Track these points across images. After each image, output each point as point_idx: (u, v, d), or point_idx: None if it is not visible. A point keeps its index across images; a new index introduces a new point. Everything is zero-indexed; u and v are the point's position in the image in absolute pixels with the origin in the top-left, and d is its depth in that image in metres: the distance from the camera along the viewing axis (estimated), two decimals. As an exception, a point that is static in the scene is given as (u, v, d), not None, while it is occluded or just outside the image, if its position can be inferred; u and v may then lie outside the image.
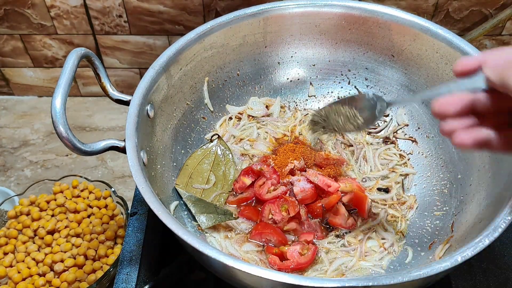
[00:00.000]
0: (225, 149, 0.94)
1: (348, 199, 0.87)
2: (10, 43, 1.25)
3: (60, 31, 1.22)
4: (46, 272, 0.95)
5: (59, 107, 0.66)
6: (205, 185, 0.89)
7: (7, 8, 1.17)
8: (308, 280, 0.57)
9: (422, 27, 0.89)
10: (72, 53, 0.72)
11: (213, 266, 0.68)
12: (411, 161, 0.95)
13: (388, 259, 0.80)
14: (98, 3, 1.15)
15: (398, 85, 0.98)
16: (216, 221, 0.82)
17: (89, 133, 1.29)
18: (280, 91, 1.04)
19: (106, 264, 0.97)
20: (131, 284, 0.77)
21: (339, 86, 1.03)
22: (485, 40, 1.20)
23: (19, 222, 1.02)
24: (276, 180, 0.86)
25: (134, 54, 1.26)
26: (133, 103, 0.77)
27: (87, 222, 1.02)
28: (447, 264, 0.59)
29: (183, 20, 1.17)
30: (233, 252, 0.80)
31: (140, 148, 0.73)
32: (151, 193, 0.66)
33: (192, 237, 0.62)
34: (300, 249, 0.78)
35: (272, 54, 1.01)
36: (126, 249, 0.81)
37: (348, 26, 0.96)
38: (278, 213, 0.82)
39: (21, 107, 1.36)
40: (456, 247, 0.74)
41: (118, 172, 1.21)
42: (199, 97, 0.96)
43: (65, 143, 0.67)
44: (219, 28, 0.91)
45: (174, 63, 0.86)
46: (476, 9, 1.13)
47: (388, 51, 0.96)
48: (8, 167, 1.22)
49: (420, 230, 0.84)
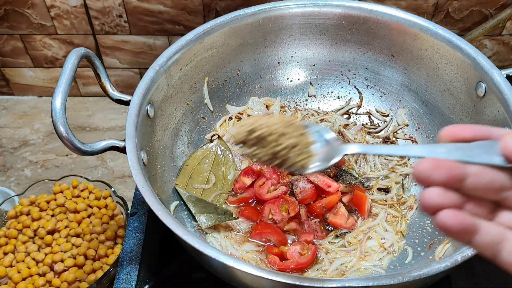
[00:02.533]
0: (225, 149, 0.94)
1: (348, 199, 0.87)
2: (10, 43, 1.24)
3: (60, 31, 1.22)
4: (46, 272, 0.95)
5: (59, 107, 0.66)
6: (205, 185, 0.89)
7: (7, 8, 1.17)
8: (308, 280, 0.57)
9: (422, 27, 0.89)
10: (72, 53, 0.72)
11: (213, 266, 0.68)
12: (411, 161, 0.95)
13: (388, 259, 0.81)
14: (98, 3, 1.15)
15: (398, 85, 0.98)
16: (216, 221, 0.82)
17: (89, 133, 1.29)
18: (280, 91, 1.04)
19: (106, 264, 0.97)
20: (131, 284, 0.77)
21: (339, 86, 1.03)
22: (485, 40, 1.20)
23: (19, 222, 1.02)
24: (276, 180, 0.86)
25: (134, 54, 1.26)
26: (133, 103, 0.77)
27: (87, 222, 1.02)
28: (447, 264, 0.59)
29: (183, 20, 1.17)
30: (233, 252, 0.80)
31: (140, 148, 0.73)
32: (151, 193, 0.67)
33: (192, 237, 0.62)
34: (300, 249, 0.78)
35: (272, 54, 1.01)
36: (126, 249, 0.81)
37: (348, 26, 0.96)
38: (278, 213, 0.82)
39: (21, 107, 1.36)
40: (456, 247, 0.74)
41: (118, 172, 1.21)
42: (199, 97, 0.96)
43: (65, 143, 0.67)
44: (219, 28, 0.91)
45: (174, 63, 0.86)
46: (476, 9, 1.13)
47: (388, 51, 0.96)
48: (8, 167, 1.22)
49: (420, 230, 0.84)
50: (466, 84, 0.84)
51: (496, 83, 0.77)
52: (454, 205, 0.40)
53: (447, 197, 0.40)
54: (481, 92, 0.81)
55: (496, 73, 0.78)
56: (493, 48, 1.22)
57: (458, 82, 0.87)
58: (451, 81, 0.88)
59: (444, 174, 0.40)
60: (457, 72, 0.86)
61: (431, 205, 0.40)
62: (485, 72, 0.79)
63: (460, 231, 0.39)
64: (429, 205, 0.40)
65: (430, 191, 0.40)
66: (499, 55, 1.24)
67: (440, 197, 0.40)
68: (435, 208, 0.40)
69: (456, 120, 0.88)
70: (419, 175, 0.40)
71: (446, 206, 0.40)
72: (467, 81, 0.84)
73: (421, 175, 0.40)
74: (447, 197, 0.40)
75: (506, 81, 0.77)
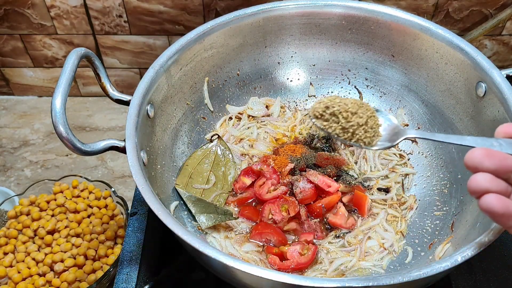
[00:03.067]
0: (225, 149, 0.94)
1: (348, 199, 0.87)
2: (10, 43, 1.24)
3: (60, 31, 1.22)
4: (46, 272, 0.95)
5: (59, 107, 0.66)
6: (205, 185, 0.89)
7: (7, 8, 1.17)
8: (308, 280, 0.57)
9: (422, 27, 0.89)
10: (72, 53, 0.72)
11: (213, 266, 0.68)
12: (411, 161, 0.95)
13: (388, 259, 0.81)
14: (98, 3, 1.15)
15: (398, 85, 0.98)
16: (216, 221, 0.82)
17: (89, 133, 1.29)
18: (280, 91, 1.04)
19: (106, 264, 0.97)
20: (131, 284, 0.77)
21: (339, 86, 1.03)
22: (485, 40, 1.20)
23: (19, 222, 1.02)
24: (276, 180, 0.86)
25: (134, 54, 1.26)
26: (133, 103, 0.77)
27: (87, 222, 1.02)
28: (447, 264, 0.59)
29: (183, 20, 1.17)
30: (233, 252, 0.80)
31: (140, 148, 0.73)
32: (151, 193, 0.66)
33: (192, 237, 0.61)
34: (300, 249, 0.78)
35: (272, 54, 1.01)
36: (126, 249, 0.81)
37: (348, 26, 0.96)
38: (278, 213, 0.82)
39: (21, 107, 1.36)
40: (456, 247, 0.74)
41: (118, 172, 1.21)
42: (199, 97, 0.96)
43: (65, 143, 0.67)
44: (219, 28, 0.91)
45: (174, 63, 0.86)
46: (476, 9, 1.13)
47: (388, 51, 0.96)
48: (8, 167, 1.22)
49: (420, 230, 0.84)
50: (466, 84, 0.84)
51: (496, 83, 0.77)
52: (500, 192, 0.45)
53: (495, 183, 0.44)
54: (481, 92, 0.81)
55: (496, 73, 0.78)
56: (493, 48, 1.22)
57: (458, 82, 0.87)
58: (451, 81, 0.88)
59: (495, 163, 0.44)
60: (457, 72, 0.86)
61: (478, 188, 0.45)
62: (485, 72, 0.79)
63: (503, 214, 0.44)
64: (476, 188, 0.45)
65: (480, 175, 0.44)
66: (499, 55, 1.24)
67: (488, 182, 0.44)
68: (481, 192, 0.45)
69: (456, 120, 0.88)
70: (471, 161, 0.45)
71: (493, 191, 0.44)
72: (467, 81, 0.84)
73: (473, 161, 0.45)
74: (494, 183, 0.44)
75: (506, 81, 0.77)
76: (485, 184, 0.45)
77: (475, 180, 0.45)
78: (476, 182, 0.45)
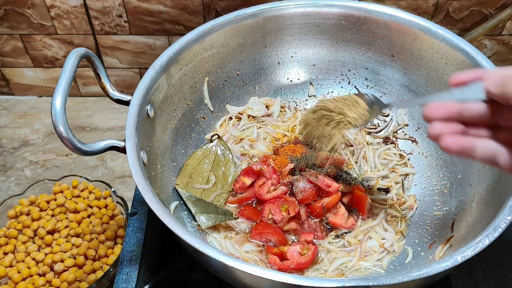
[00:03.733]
0: (225, 149, 0.94)
1: (348, 199, 0.87)
2: (10, 43, 1.25)
3: (60, 31, 1.22)
4: (46, 272, 0.95)
5: (59, 107, 0.66)
6: (205, 185, 0.89)
7: (7, 8, 1.17)
8: (308, 280, 0.57)
9: (422, 27, 0.89)
10: (72, 53, 0.72)
11: (213, 266, 0.68)
12: (411, 161, 0.95)
13: (388, 259, 0.81)
14: (98, 3, 1.15)
15: (398, 85, 0.98)
16: (216, 221, 0.82)
17: (89, 133, 1.29)
18: (280, 91, 1.04)
19: (106, 264, 0.97)
20: (131, 284, 0.77)
21: (339, 86, 1.03)
22: (485, 40, 1.20)
23: (19, 222, 1.02)
24: (276, 180, 0.86)
25: (134, 54, 1.26)
26: (133, 103, 0.77)
27: (87, 222, 1.02)
28: (447, 264, 0.59)
29: (183, 20, 1.17)
30: (233, 252, 0.80)
31: (140, 148, 0.73)
32: (151, 193, 0.66)
33: (192, 237, 0.62)
34: (300, 249, 0.78)
35: (272, 54, 1.01)
36: (126, 249, 0.81)
37: (348, 26, 0.96)
38: (278, 213, 0.82)
39: (21, 107, 1.36)
40: (456, 247, 0.74)
41: (118, 172, 1.21)
42: (199, 97, 0.96)
43: (65, 143, 0.67)
44: (219, 28, 0.91)
45: (174, 63, 0.86)
46: (476, 9, 1.13)
47: (388, 51, 0.96)
48: (8, 167, 1.22)
49: (420, 230, 0.84)
50: (466, 84, 0.84)
51: (496, 83, 0.77)
52: (456, 132, 0.54)
53: (447, 127, 0.54)
54: (481, 92, 0.80)
55: (496, 73, 0.78)
56: (493, 48, 1.22)
57: (458, 82, 0.86)
58: (451, 81, 0.88)
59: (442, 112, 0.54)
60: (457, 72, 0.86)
61: (435, 133, 0.54)
62: (485, 72, 0.79)
63: (459, 150, 0.53)
64: (434, 134, 0.54)
65: (435, 124, 0.54)
66: (499, 55, 1.24)
67: (441, 127, 0.54)
68: (438, 135, 0.54)
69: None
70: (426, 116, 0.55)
71: (447, 133, 0.53)
72: (467, 81, 0.84)
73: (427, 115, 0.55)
74: (447, 127, 0.54)
75: (506, 81, 0.77)
76: (439, 129, 0.54)
77: (431, 128, 0.54)
78: (432, 129, 0.54)
